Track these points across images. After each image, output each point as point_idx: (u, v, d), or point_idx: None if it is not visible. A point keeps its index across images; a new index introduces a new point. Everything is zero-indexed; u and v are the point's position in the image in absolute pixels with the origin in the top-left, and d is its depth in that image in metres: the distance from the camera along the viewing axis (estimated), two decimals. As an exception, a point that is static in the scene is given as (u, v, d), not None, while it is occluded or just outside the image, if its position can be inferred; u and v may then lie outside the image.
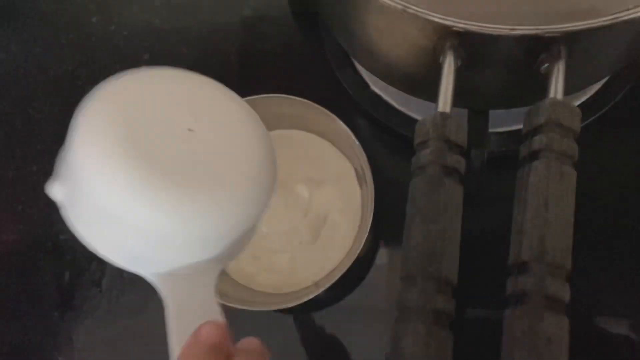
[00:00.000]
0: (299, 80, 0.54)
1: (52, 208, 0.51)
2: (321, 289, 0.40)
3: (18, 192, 0.52)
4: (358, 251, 0.41)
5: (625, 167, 0.48)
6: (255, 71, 0.55)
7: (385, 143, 0.51)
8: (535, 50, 0.30)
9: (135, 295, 0.48)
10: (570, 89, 0.38)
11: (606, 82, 0.47)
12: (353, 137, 0.43)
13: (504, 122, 0.46)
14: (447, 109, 0.30)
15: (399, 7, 0.30)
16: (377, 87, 0.49)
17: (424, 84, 0.37)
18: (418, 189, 0.28)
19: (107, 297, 0.48)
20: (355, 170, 0.46)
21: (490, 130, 0.44)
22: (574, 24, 0.28)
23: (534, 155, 0.28)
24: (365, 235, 0.41)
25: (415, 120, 0.32)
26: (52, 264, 0.50)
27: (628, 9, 0.28)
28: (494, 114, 0.43)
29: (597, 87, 0.47)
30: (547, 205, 0.26)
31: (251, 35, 0.56)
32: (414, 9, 0.30)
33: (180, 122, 0.31)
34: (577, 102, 0.46)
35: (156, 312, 0.47)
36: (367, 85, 0.50)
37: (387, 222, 0.47)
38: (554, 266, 0.25)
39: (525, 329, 0.24)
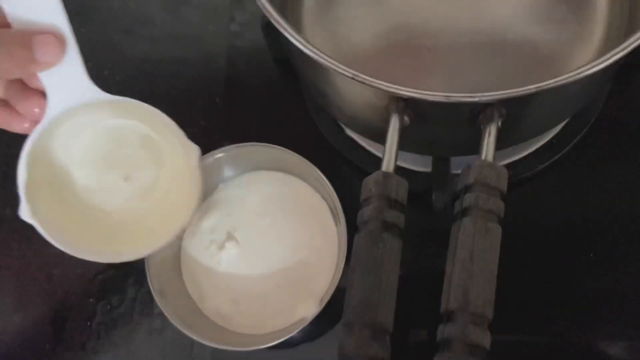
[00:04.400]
0: (280, 124, 0.57)
1: (45, 246, 0.54)
2: (305, 324, 0.42)
3: (13, 230, 0.55)
4: (334, 288, 0.43)
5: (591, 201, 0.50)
6: (240, 113, 0.58)
7: (361, 183, 0.54)
8: (472, 113, 0.33)
9: (123, 328, 0.51)
10: (515, 141, 0.42)
11: (563, 128, 0.50)
12: (325, 179, 0.46)
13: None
14: (391, 169, 0.33)
15: (349, 74, 0.33)
16: (351, 131, 0.52)
17: (383, 133, 0.40)
18: (360, 242, 0.31)
19: (97, 330, 0.51)
20: (330, 209, 0.49)
21: (455, 171, 0.47)
22: (500, 93, 0.31)
23: (464, 212, 0.31)
24: (341, 273, 0.43)
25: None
26: (46, 298, 0.52)
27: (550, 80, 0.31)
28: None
29: (554, 132, 0.50)
30: (472, 259, 0.28)
31: (236, 79, 0.59)
32: (361, 77, 0.33)
33: None
34: (533, 148, 0.49)
35: (143, 345, 0.50)
36: (341, 130, 0.53)
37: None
38: (476, 315, 0.28)
39: (448, 374, 0.27)
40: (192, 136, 0.57)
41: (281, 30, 0.36)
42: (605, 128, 0.51)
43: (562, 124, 0.50)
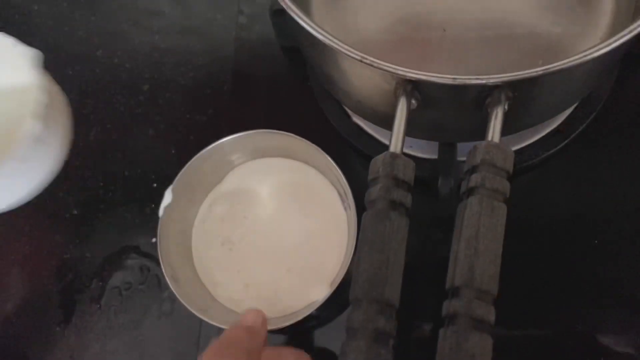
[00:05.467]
0: (287, 111, 0.57)
1: (56, 230, 0.55)
2: (316, 306, 0.43)
3: (25, 214, 0.56)
4: (344, 271, 0.43)
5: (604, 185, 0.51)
6: (247, 101, 0.58)
7: (367, 169, 0.54)
8: (480, 96, 0.34)
9: (132, 312, 0.52)
10: (522, 126, 0.42)
11: (568, 116, 0.50)
12: (333, 163, 0.46)
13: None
14: (398, 150, 0.34)
15: (357, 57, 0.34)
16: (358, 118, 0.53)
17: (390, 119, 0.40)
18: (367, 221, 0.31)
19: (106, 313, 0.52)
20: (339, 194, 0.49)
21: (461, 158, 0.48)
22: (507, 75, 0.32)
23: (470, 192, 0.31)
24: (351, 257, 0.43)
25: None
26: (56, 282, 0.53)
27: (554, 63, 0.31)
28: (463, 143, 0.46)
29: (560, 120, 0.50)
30: (478, 237, 0.29)
31: (243, 68, 0.60)
32: (370, 60, 0.33)
33: None
34: (539, 135, 0.49)
35: (151, 328, 0.51)
36: (348, 117, 0.53)
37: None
38: (481, 291, 0.28)
39: (452, 347, 0.27)
40: (200, 124, 0.58)
41: (291, 13, 0.36)
42: (611, 116, 0.52)
43: (568, 112, 0.50)
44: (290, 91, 0.58)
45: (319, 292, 0.44)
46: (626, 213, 0.50)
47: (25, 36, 0.64)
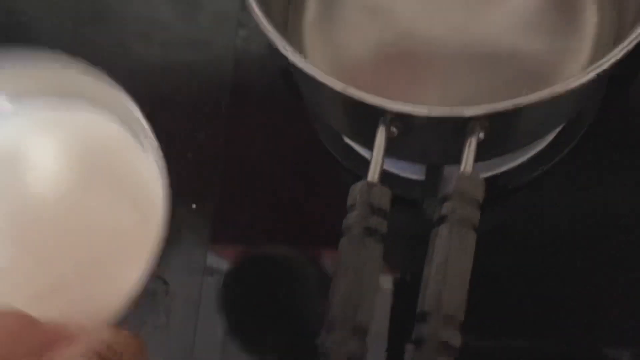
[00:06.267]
0: (282, 129, 0.58)
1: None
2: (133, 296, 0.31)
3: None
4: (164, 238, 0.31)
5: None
6: (244, 118, 0.60)
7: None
8: (456, 125, 0.35)
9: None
10: (503, 151, 0.43)
11: (557, 136, 0.51)
12: (130, 100, 0.35)
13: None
14: (375, 179, 0.35)
15: (339, 87, 0.35)
16: (349, 139, 0.54)
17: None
18: (343, 246, 0.33)
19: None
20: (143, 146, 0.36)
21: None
22: (481, 107, 0.33)
23: (441, 220, 0.33)
24: (169, 219, 0.32)
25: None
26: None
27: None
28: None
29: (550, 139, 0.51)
30: (447, 264, 0.31)
31: (242, 84, 0.61)
32: (351, 91, 0.35)
33: None
34: (528, 156, 0.51)
35: (147, 339, 0.52)
36: (340, 138, 0.54)
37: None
38: (448, 317, 0.30)
39: (419, 370, 0.29)
40: (198, 140, 0.59)
41: (270, 40, 0.38)
42: (599, 136, 0.52)
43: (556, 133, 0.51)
44: (286, 110, 0.59)
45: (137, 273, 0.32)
46: (620, 229, 0.50)
47: (28, 46, 0.66)
